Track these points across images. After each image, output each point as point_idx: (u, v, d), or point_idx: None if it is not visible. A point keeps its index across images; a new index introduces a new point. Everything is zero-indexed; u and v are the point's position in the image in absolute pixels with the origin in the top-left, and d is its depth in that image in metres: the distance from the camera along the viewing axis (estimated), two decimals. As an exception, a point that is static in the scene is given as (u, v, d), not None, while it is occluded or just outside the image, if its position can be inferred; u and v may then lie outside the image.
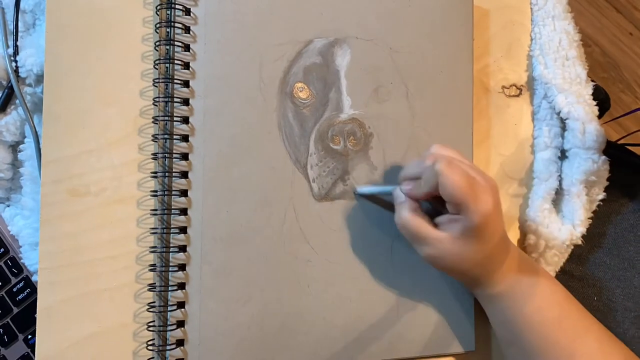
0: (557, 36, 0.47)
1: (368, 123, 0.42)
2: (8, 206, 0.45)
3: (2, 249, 0.44)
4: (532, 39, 0.48)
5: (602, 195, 0.47)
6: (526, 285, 0.39)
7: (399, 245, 0.42)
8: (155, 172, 0.40)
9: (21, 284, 0.44)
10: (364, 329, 0.42)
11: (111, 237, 0.39)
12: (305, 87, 0.41)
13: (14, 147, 0.44)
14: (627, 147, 0.58)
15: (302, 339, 0.41)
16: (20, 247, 0.43)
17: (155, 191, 0.40)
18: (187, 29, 0.40)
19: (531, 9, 0.48)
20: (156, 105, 0.40)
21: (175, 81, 0.39)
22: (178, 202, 0.40)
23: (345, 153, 0.41)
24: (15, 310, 0.44)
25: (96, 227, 0.39)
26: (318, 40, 0.42)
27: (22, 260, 0.44)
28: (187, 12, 0.40)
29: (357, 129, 0.42)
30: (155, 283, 0.39)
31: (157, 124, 0.40)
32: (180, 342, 0.39)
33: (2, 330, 0.43)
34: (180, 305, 0.39)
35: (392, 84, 0.42)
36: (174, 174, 0.39)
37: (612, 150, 0.46)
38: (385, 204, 0.42)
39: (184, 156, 0.40)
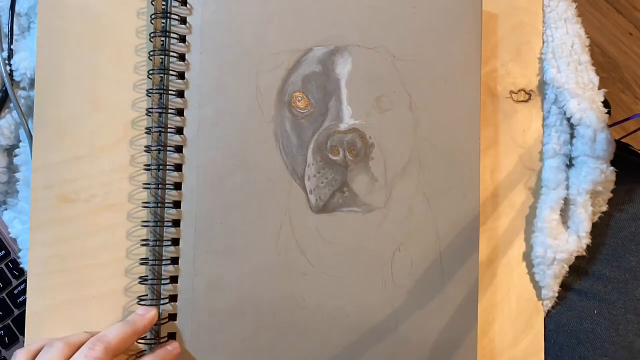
0: (570, 39, 0.42)
1: (369, 133, 0.37)
2: (5, 209, 0.42)
3: (3, 251, 0.41)
4: (544, 42, 0.43)
5: (605, 207, 0.43)
6: None
7: (398, 259, 0.38)
8: (148, 184, 0.36)
9: (22, 286, 0.41)
10: (360, 344, 0.38)
11: (100, 244, 0.37)
12: (304, 97, 0.37)
13: (9, 151, 0.41)
14: (629, 147, 0.52)
15: (297, 353, 0.37)
16: (20, 250, 0.40)
17: (148, 202, 0.36)
18: (182, 39, 0.36)
19: (543, 10, 0.43)
20: (149, 116, 0.36)
21: (170, 91, 0.36)
22: (171, 213, 0.36)
23: (344, 164, 0.37)
24: (16, 312, 0.41)
25: (86, 233, 0.37)
26: (318, 49, 0.37)
27: (21, 265, 0.40)
28: (183, 21, 0.36)
29: (358, 139, 0.37)
30: (146, 295, 0.36)
31: (150, 134, 0.36)
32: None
33: (3, 331, 0.41)
34: (172, 317, 0.36)
35: (394, 93, 0.38)
36: (167, 186, 0.35)
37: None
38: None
39: (177, 167, 0.36)
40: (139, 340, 0.35)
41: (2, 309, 0.40)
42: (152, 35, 0.36)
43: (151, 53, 0.36)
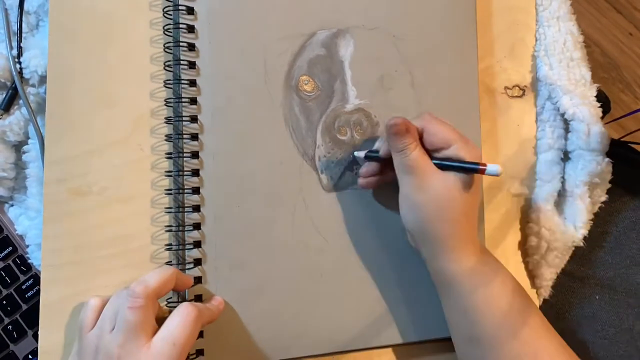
0: (562, 37, 0.48)
1: (374, 112, 0.43)
2: (12, 205, 0.46)
3: (11, 248, 0.46)
4: (536, 40, 0.49)
5: (604, 197, 0.48)
6: (493, 270, 0.39)
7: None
8: (170, 171, 0.41)
9: (30, 282, 0.45)
10: (378, 315, 0.44)
11: (112, 235, 0.41)
12: (310, 80, 0.43)
13: (18, 147, 0.45)
14: (629, 144, 0.59)
15: (318, 327, 0.43)
16: (28, 246, 0.45)
17: (170, 189, 0.42)
18: (191, 29, 0.41)
19: (536, 9, 0.49)
20: (169, 106, 0.42)
21: (183, 81, 0.41)
22: (191, 199, 0.41)
23: (352, 143, 0.43)
24: (24, 307, 0.45)
25: (98, 225, 0.41)
26: (321, 32, 0.43)
27: (29, 260, 0.45)
28: (190, 11, 0.41)
29: (364, 119, 0.43)
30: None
31: (170, 124, 0.42)
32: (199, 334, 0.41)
33: (11, 326, 0.45)
34: (198, 298, 0.41)
35: (396, 72, 0.44)
36: (185, 173, 0.41)
37: (612, 148, 0.47)
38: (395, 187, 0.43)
39: (194, 154, 0.41)
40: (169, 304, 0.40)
41: (11, 304, 0.45)
42: (166, 27, 0.41)
43: (166, 45, 0.41)
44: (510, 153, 0.48)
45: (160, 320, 0.36)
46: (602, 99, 0.49)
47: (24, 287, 0.45)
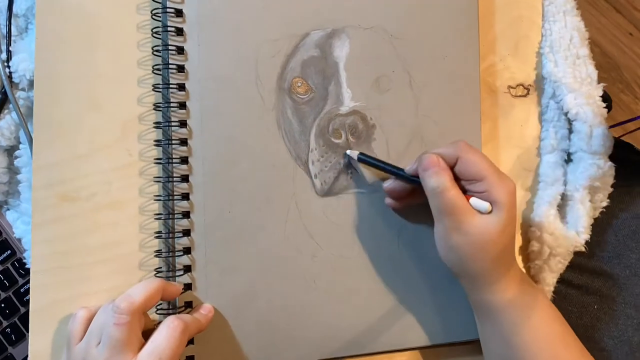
0: (569, 33, 0.46)
1: (370, 114, 0.42)
2: (8, 209, 0.45)
3: (9, 251, 0.45)
4: (542, 36, 0.47)
5: (605, 202, 0.46)
6: (530, 297, 0.38)
7: (404, 236, 0.43)
8: (159, 177, 0.40)
9: (28, 285, 0.44)
10: (373, 320, 0.42)
11: (101, 241, 0.40)
12: (304, 82, 0.41)
13: (10, 152, 0.45)
14: (629, 144, 0.57)
15: (310, 333, 0.41)
16: (25, 251, 0.44)
17: (159, 195, 0.40)
18: (179, 31, 0.40)
19: (542, 3, 0.47)
20: (158, 111, 0.41)
21: (172, 85, 0.40)
22: (180, 205, 0.40)
23: (347, 146, 0.41)
24: (23, 310, 0.45)
25: (87, 231, 0.40)
26: (315, 33, 0.41)
27: (27, 265, 0.44)
28: (179, 13, 0.40)
29: (359, 122, 0.41)
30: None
31: (159, 129, 0.41)
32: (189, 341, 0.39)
33: (9, 329, 0.45)
34: (188, 305, 0.40)
35: (393, 73, 0.42)
36: (175, 178, 0.40)
37: (613, 149, 0.45)
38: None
39: (184, 160, 0.40)
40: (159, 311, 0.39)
41: (9, 307, 0.45)
42: (154, 30, 0.40)
43: (154, 48, 0.40)
44: (513, 155, 0.47)
45: (148, 332, 0.35)
46: (604, 98, 0.47)
47: (22, 290, 0.45)
